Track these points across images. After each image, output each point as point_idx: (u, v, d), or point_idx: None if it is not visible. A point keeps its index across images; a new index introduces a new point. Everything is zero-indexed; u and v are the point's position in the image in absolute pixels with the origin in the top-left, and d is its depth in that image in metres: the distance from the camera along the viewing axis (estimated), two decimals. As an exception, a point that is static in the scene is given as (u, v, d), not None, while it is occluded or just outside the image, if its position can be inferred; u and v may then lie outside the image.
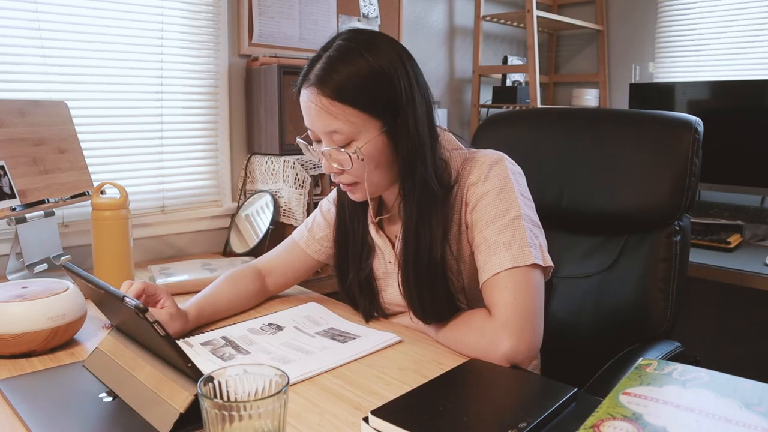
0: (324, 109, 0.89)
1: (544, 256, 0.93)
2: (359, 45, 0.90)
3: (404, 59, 0.92)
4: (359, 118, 0.89)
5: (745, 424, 0.55)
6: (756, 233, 2.01)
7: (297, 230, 1.19)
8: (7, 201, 1.21)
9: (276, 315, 1.09)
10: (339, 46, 0.91)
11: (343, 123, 0.89)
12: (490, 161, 0.96)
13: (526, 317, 0.87)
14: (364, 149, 0.91)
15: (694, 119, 1.16)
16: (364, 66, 0.88)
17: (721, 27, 2.39)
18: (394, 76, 0.90)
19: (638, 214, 1.18)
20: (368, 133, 0.91)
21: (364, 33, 0.93)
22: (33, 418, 0.71)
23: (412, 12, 2.36)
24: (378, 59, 0.89)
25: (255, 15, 1.81)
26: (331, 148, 0.92)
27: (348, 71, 0.88)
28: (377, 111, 0.90)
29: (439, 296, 0.95)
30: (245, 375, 0.61)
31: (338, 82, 0.88)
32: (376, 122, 0.90)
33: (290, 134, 1.71)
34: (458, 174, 0.98)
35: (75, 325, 0.96)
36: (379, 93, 0.89)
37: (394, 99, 0.90)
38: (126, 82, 1.59)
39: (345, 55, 0.89)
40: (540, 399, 0.72)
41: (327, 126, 0.90)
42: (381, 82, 0.89)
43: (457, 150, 1.01)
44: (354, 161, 0.92)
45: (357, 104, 0.89)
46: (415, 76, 0.92)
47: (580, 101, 2.63)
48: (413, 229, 0.95)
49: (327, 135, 0.92)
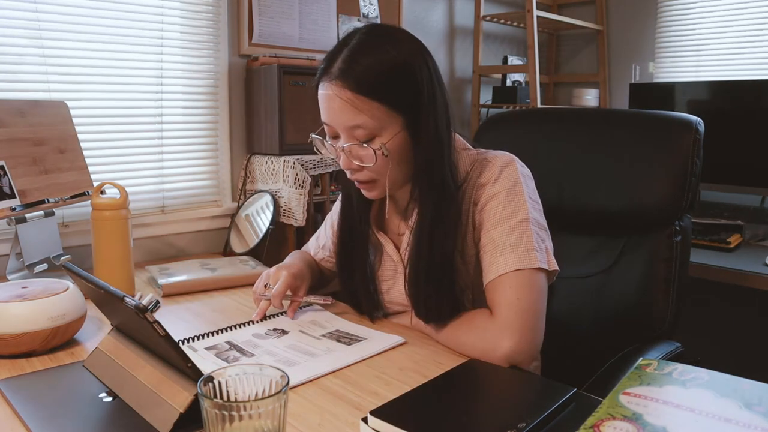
0: (348, 102, 0.86)
1: (550, 260, 0.93)
2: (381, 38, 0.89)
3: (425, 55, 0.91)
4: (383, 112, 0.87)
5: (745, 424, 0.55)
6: (756, 233, 2.01)
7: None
8: (7, 201, 1.21)
9: (280, 319, 1.09)
10: (361, 39, 0.89)
11: (368, 117, 0.87)
12: (501, 163, 0.96)
13: (529, 318, 0.87)
14: (389, 145, 0.89)
15: (694, 119, 1.16)
16: (387, 59, 0.87)
17: (721, 27, 2.39)
18: (417, 70, 0.88)
19: (639, 215, 1.18)
20: (392, 128, 0.89)
21: (384, 27, 0.93)
22: (33, 418, 0.71)
23: (412, 12, 2.36)
24: (401, 53, 0.88)
25: (255, 15, 1.81)
26: (352, 144, 0.90)
27: (372, 64, 0.86)
28: (401, 106, 0.88)
29: (444, 296, 0.95)
30: (245, 375, 0.61)
31: (363, 74, 0.86)
32: (398, 118, 0.89)
33: (290, 134, 1.71)
34: (467, 174, 0.98)
35: (75, 325, 0.96)
36: (402, 87, 0.88)
37: (416, 94, 0.89)
38: (126, 82, 1.59)
39: (368, 47, 0.87)
40: (539, 399, 0.72)
41: (350, 120, 0.88)
42: (405, 75, 0.88)
43: (465, 150, 1.01)
44: (378, 157, 0.90)
45: (382, 98, 0.87)
46: (435, 72, 0.92)
47: (580, 101, 2.63)
48: (428, 228, 0.94)
49: (348, 130, 0.89)
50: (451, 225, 0.94)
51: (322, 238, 1.23)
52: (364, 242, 1.06)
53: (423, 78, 0.89)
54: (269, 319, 1.08)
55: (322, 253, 1.22)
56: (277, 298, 1.05)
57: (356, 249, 1.06)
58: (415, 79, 0.88)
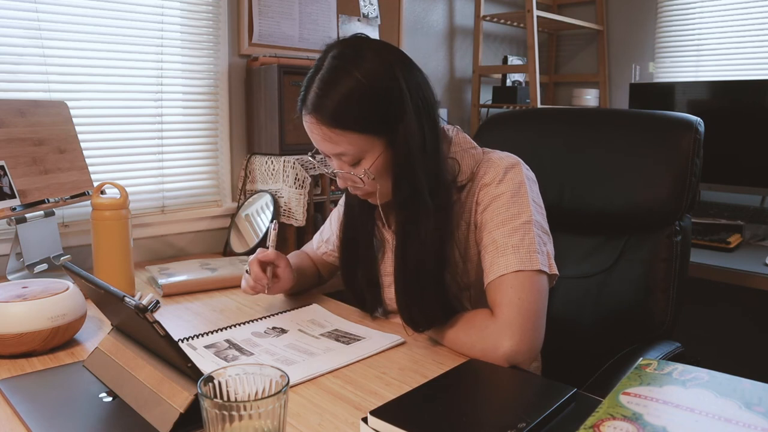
0: (325, 136, 0.90)
1: (551, 263, 0.94)
2: (348, 63, 0.89)
3: (398, 71, 0.90)
4: (360, 140, 0.90)
5: (745, 424, 0.55)
6: (756, 233, 2.01)
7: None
8: (7, 201, 1.21)
9: (279, 317, 1.09)
10: (329, 67, 0.90)
11: (346, 147, 0.90)
12: (506, 165, 0.97)
13: (530, 319, 0.87)
14: (372, 168, 0.92)
15: (695, 119, 1.16)
16: (354, 87, 0.87)
17: (721, 27, 2.39)
18: (386, 91, 0.89)
19: (639, 215, 1.18)
20: (374, 151, 0.92)
21: (351, 46, 0.91)
22: (33, 418, 0.71)
23: (412, 12, 2.36)
24: (367, 76, 0.87)
25: (255, 15, 1.81)
26: (342, 171, 0.95)
27: (340, 96, 0.87)
28: (376, 130, 0.90)
29: (427, 305, 0.94)
30: (245, 375, 0.61)
31: (333, 109, 0.88)
32: (378, 140, 0.91)
33: (290, 134, 1.70)
34: (471, 173, 0.98)
35: (75, 325, 0.96)
36: (373, 112, 0.89)
37: (387, 113, 0.90)
38: (126, 82, 1.59)
39: (335, 77, 0.88)
40: (539, 399, 0.72)
41: (332, 149, 0.92)
42: (374, 100, 0.88)
43: (471, 149, 1.01)
44: (365, 180, 0.94)
45: (355, 127, 0.89)
46: (408, 88, 0.90)
47: (580, 101, 2.63)
48: (401, 242, 0.95)
49: (335, 156, 0.94)
50: (429, 236, 0.93)
51: (326, 232, 1.25)
52: (368, 235, 1.07)
53: (397, 97, 0.89)
54: (269, 318, 1.08)
55: (325, 246, 1.24)
56: (253, 264, 1.08)
57: (360, 241, 1.08)
58: (388, 100, 0.89)
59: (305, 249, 1.30)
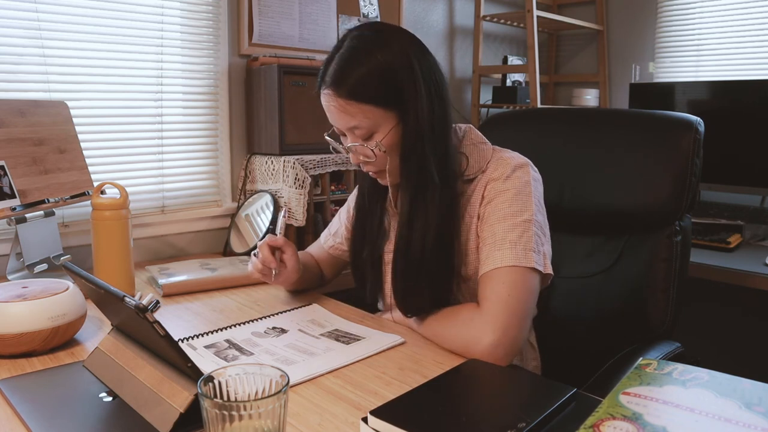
0: (342, 109, 0.94)
1: (546, 263, 0.95)
2: (368, 43, 0.94)
3: (412, 53, 0.95)
4: (375, 113, 0.94)
5: (745, 424, 0.55)
6: (756, 233, 2.01)
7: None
8: (7, 201, 1.21)
9: (279, 317, 1.09)
10: (349, 46, 0.95)
11: (361, 120, 0.94)
12: (515, 163, 0.99)
13: (515, 316, 0.89)
14: (384, 141, 0.96)
15: (695, 119, 1.16)
16: (373, 64, 0.92)
17: (721, 27, 2.39)
18: (404, 71, 0.93)
19: (639, 215, 1.18)
20: (386, 125, 0.95)
21: (372, 28, 0.97)
22: (33, 418, 0.71)
23: (412, 12, 2.36)
24: (387, 56, 0.93)
25: (255, 15, 1.81)
26: (355, 144, 0.98)
27: (359, 71, 0.92)
28: (390, 104, 0.94)
29: (422, 289, 0.97)
30: (245, 375, 0.61)
31: (351, 82, 0.92)
32: (391, 114, 0.95)
33: (290, 134, 1.70)
34: (480, 168, 1.01)
35: (75, 325, 0.96)
36: (389, 88, 0.93)
37: (404, 92, 0.94)
38: (126, 82, 1.59)
39: (356, 54, 0.94)
40: (539, 399, 0.72)
41: (347, 123, 0.96)
42: (390, 77, 0.93)
43: (481, 143, 1.04)
44: (377, 153, 0.97)
45: (371, 101, 0.93)
46: (421, 69, 0.95)
47: (580, 101, 2.63)
48: (406, 220, 0.98)
49: (349, 130, 0.97)
50: (434, 215, 0.96)
51: (334, 225, 1.27)
52: (377, 219, 1.10)
53: (410, 77, 0.94)
54: (269, 318, 1.08)
55: (332, 240, 1.26)
56: (263, 247, 1.10)
57: (368, 224, 1.11)
58: (403, 79, 0.93)
59: (309, 250, 1.31)
